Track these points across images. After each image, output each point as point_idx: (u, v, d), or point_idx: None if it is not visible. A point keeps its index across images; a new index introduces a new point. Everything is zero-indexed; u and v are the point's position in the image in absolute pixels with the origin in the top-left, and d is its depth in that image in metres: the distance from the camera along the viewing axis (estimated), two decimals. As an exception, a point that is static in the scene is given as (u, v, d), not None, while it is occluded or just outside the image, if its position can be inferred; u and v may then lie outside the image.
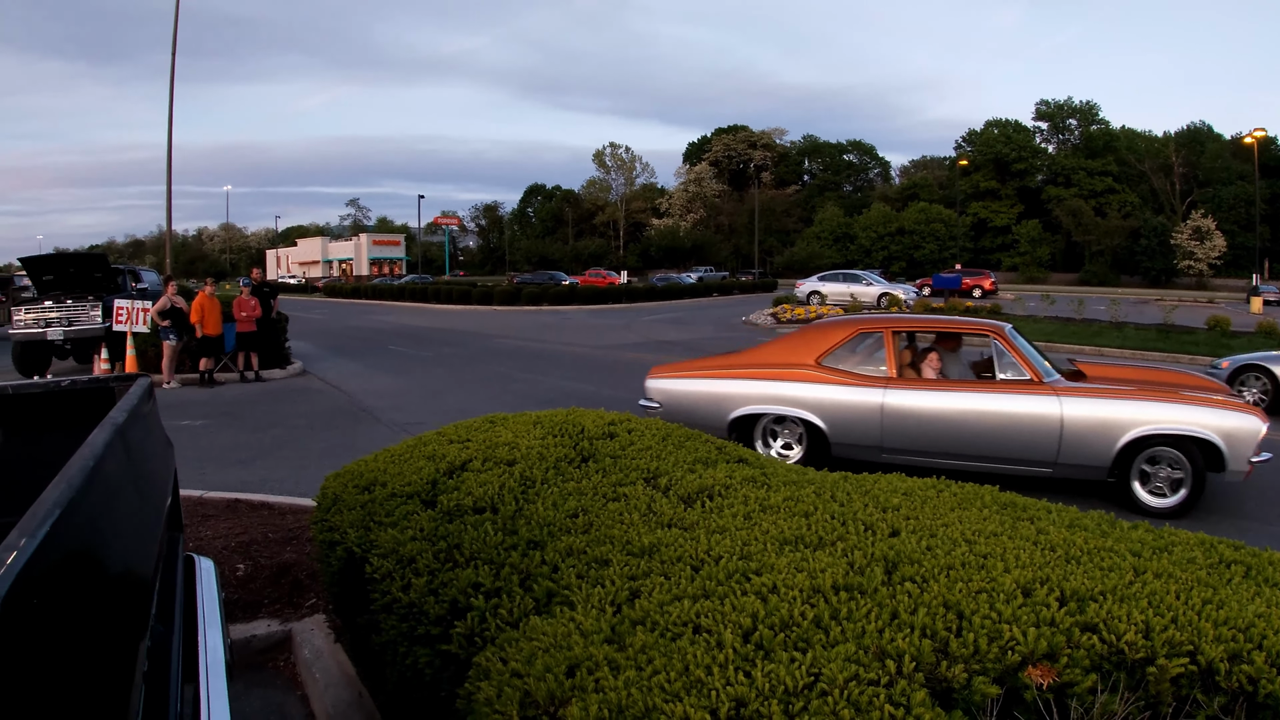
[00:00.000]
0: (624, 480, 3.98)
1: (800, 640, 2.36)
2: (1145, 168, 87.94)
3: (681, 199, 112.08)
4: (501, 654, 2.56)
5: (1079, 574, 2.76)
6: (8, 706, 1.10)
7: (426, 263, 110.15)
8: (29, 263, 20.52)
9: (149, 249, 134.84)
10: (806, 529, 3.20)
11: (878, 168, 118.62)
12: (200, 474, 9.32)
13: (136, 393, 3.00)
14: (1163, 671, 2.29)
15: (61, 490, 1.62)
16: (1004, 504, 3.72)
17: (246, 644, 5.03)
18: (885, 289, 41.04)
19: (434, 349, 24.01)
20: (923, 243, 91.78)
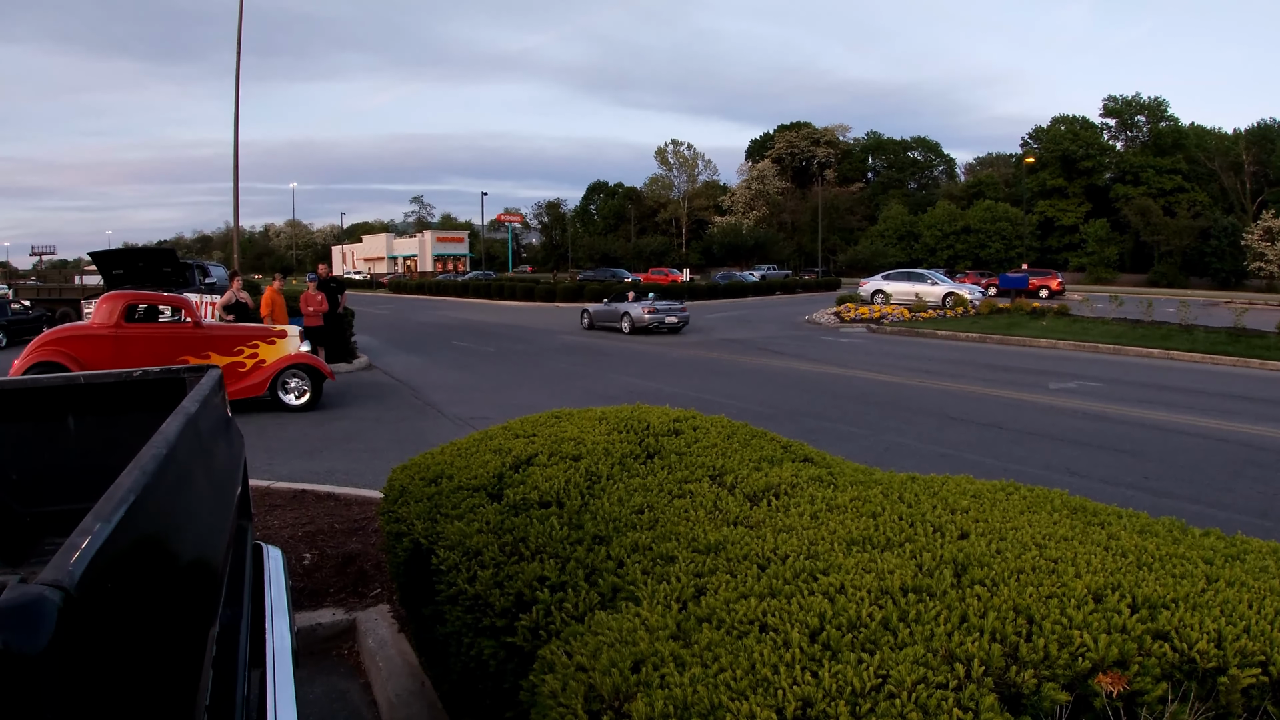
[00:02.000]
0: (689, 477, 3.96)
1: (868, 641, 2.32)
2: (1215, 166, 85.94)
3: (744, 196, 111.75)
4: (566, 648, 2.55)
5: (1150, 581, 2.69)
6: (85, 687, 1.10)
7: (490, 259, 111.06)
8: (99, 257, 21.00)
9: (216, 244, 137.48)
10: (874, 530, 3.15)
11: (942, 165, 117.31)
12: (268, 464, 9.46)
13: (208, 383, 3.03)
14: (1234, 681, 2.24)
15: (135, 477, 1.63)
16: (1074, 508, 3.64)
17: (311, 632, 5.09)
18: (950, 288, 40.54)
19: (497, 344, 24.18)
20: (988, 241, 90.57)
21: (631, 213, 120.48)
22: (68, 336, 13.29)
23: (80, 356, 12.85)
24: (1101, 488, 8.67)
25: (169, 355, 13.01)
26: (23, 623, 0.99)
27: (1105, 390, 15.54)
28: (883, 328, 29.81)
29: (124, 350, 12.99)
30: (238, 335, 13.82)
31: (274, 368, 13.63)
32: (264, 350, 13.76)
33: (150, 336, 13.32)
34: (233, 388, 13.00)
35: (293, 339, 13.98)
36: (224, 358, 13.41)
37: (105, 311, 13.35)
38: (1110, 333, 25.34)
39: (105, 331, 13.12)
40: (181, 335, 13.41)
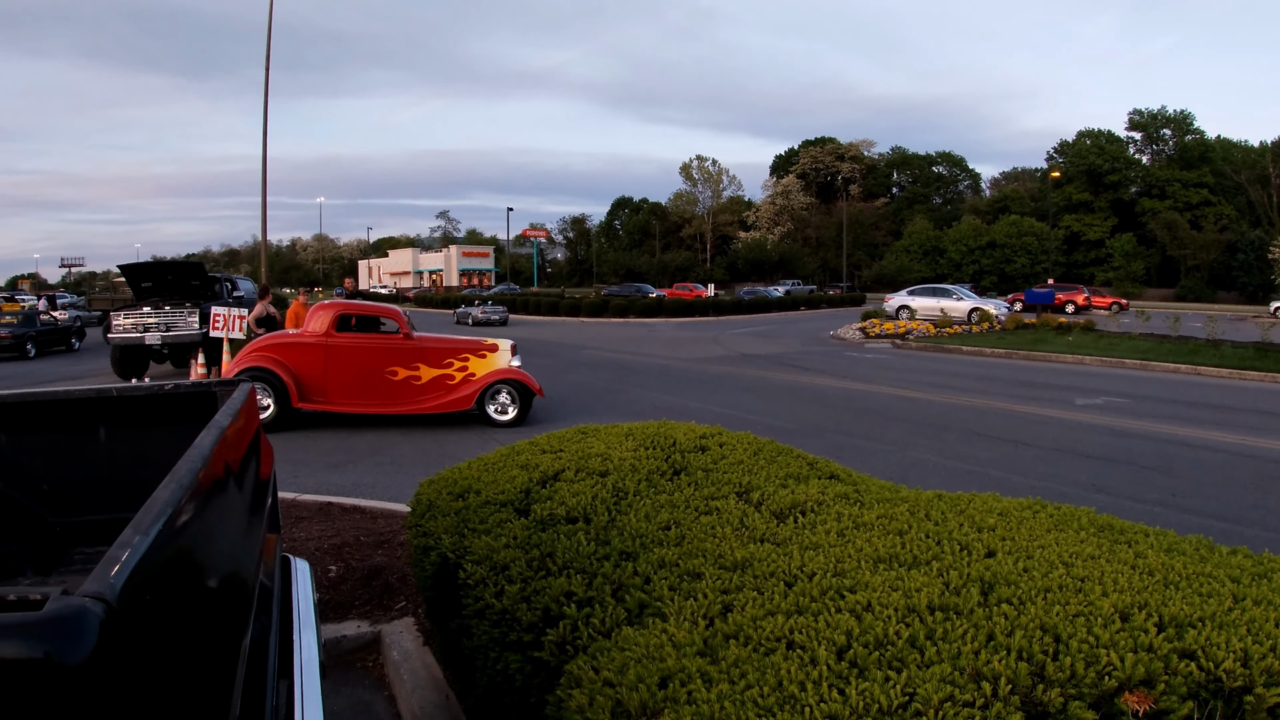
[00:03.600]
0: (716, 494, 3.96)
1: (895, 659, 2.33)
2: (1242, 179, 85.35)
3: (768, 212, 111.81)
4: (593, 663, 2.56)
5: (1177, 599, 2.69)
6: (125, 698, 1.12)
7: (514, 274, 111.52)
8: (128, 270, 21.19)
9: (244, 258, 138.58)
10: (901, 547, 3.15)
11: (967, 180, 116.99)
12: (294, 477, 9.51)
13: (239, 397, 3.05)
14: (1260, 701, 2.23)
15: (172, 490, 1.65)
16: (1101, 526, 3.62)
17: (337, 644, 5.11)
18: (976, 304, 40.35)
19: (521, 358, 24.20)
20: (1014, 256, 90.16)
21: (656, 228, 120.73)
22: (279, 344, 13.33)
23: (291, 364, 13.04)
24: (1129, 505, 8.60)
25: (378, 365, 13.22)
26: (66, 634, 1.01)
27: (1132, 406, 15.43)
28: (908, 343, 29.69)
29: (334, 359, 13.14)
30: (447, 348, 13.69)
31: (483, 382, 13.46)
32: (474, 364, 13.64)
33: (360, 346, 13.33)
34: (440, 400, 13.31)
35: (503, 353, 13.81)
36: (432, 370, 13.45)
37: (317, 320, 13.37)
38: (1137, 348, 25.15)
39: (316, 340, 13.18)
40: (391, 346, 13.39)
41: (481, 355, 13.70)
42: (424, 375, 13.43)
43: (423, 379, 13.42)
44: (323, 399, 13.19)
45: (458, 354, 13.63)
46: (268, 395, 12.90)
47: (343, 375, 13.22)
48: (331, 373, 13.17)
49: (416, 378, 13.40)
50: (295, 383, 12.99)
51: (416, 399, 13.38)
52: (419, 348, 13.48)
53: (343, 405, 13.24)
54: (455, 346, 13.76)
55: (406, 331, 13.50)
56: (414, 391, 13.40)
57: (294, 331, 13.68)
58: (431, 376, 13.45)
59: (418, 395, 13.40)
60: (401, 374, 13.35)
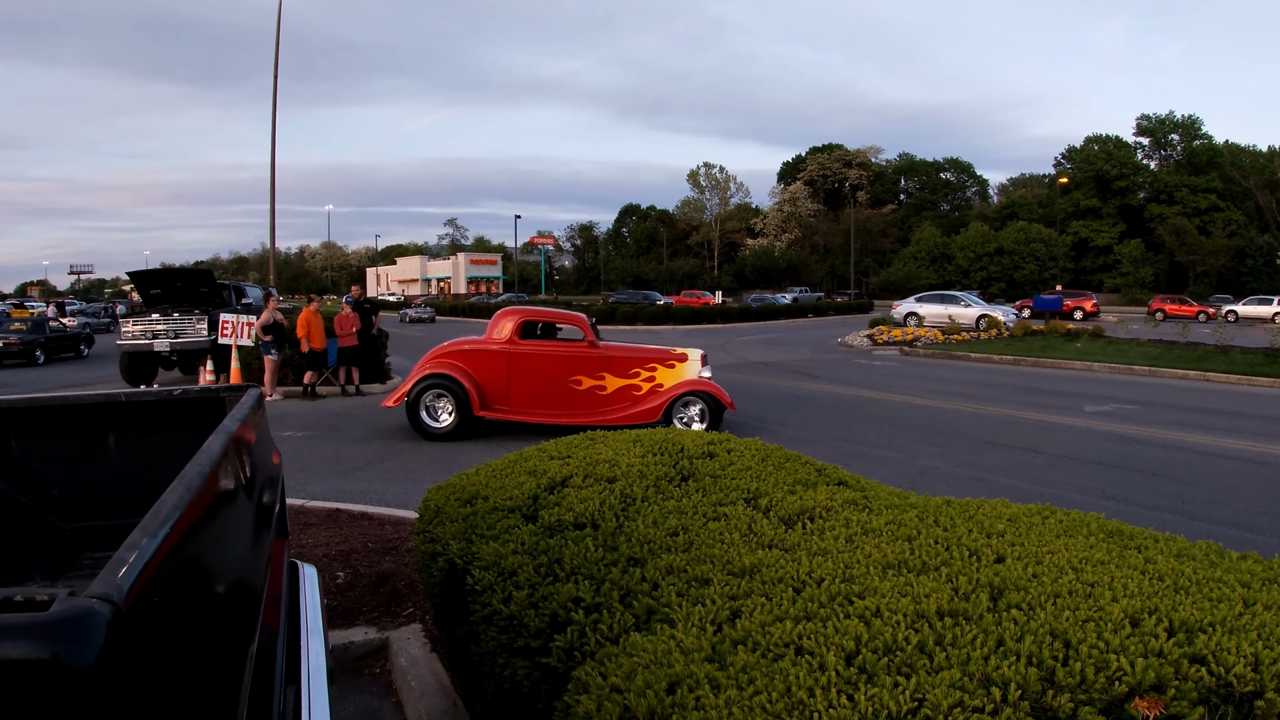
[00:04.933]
0: (724, 500, 3.96)
1: (904, 665, 2.32)
2: (1250, 184, 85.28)
3: (776, 219, 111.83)
4: (601, 669, 2.56)
5: (1187, 604, 2.68)
6: (131, 700, 1.12)
7: (522, 282, 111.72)
8: (137, 276, 21.25)
9: (252, 265, 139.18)
10: (910, 553, 3.14)
11: (975, 186, 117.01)
12: (302, 483, 9.52)
13: (247, 402, 3.06)
14: (1271, 705, 2.22)
15: (180, 494, 1.65)
16: (1111, 532, 3.61)
17: (344, 650, 5.11)
18: (984, 310, 40.29)
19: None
20: (1022, 263, 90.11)
21: (664, 235, 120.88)
22: (462, 351, 13.12)
23: (474, 371, 12.85)
24: (1138, 511, 8.58)
25: (562, 374, 12.91)
26: (73, 635, 1.01)
27: (1141, 413, 15.39)
28: (916, 350, 29.66)
29: (517, 367, 12.88)
30: (635, 357, 13.16)
31: (671, 393, 12.82)
32: (661, 374, 13.06)
33: (544, 354, 13.03)
34: (625, 412, 12.78)
35: (693, 363, 13.09)
36: (619, 380, 13.02)
37: (501, 327, 13.10)
38: (1146, 354, 25.11)
39: (499, 347, 12.94)
40: (576, 354, 13.01)
41: (670, 365, 13.10)
42: (609, 385, 13.01)
43: (608, 389, 13.01)
44: (504, 408, 12.90)
45: (645, 363, 13.10)
46: (450, 403, 12.78)
47: (526, 384, 12.92)
48: (514, 381, 12.88)
49: (601, 388, 13.01)
50: (477, 391, 12.76)
51: (601, 410, 12.94)
52: (604, 356, 13.04)
53: (525, 415, 12.91)
54: (642, 356, 13.23)
55: (592, 339, 13.09)
56: (599, 402, 13.01)
57: (478, 338, 13.40)
58: (617, 387, 13.02)
59: (602, 406, 12.99)
60: (586, 383, 12.99)
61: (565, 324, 13.72)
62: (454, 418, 12.71)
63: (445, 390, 12.72)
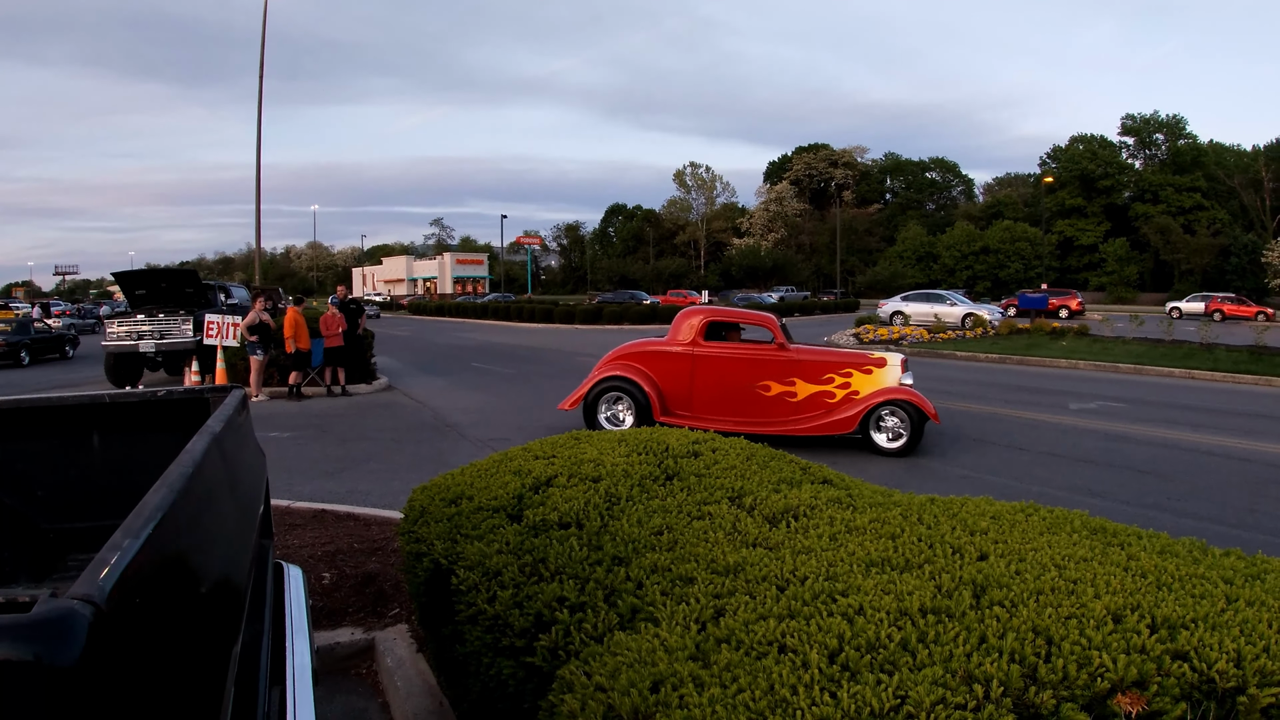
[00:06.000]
0: (709, 499, 3.97)
1: (887, 662, 2.33)
2: (1234, 183, 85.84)
3: (762, 218, 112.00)
4: (585, 668, 2.56)
5: (1170, 601, 2.70)
6: (113, 701, 1.12)
7: (509, 281, 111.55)
8: (122, 277, 21.16)
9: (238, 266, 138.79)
10: (893, 551, 3.16)
11: (961, 185, 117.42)
12: (288, 484, 9.50)
13: (231, 403, 3.06)
14: (1253, 701, 2.24)
15: (163, 495, 1.65)
16: (1094, 529, 3.63)
17: (330, 651, 5.11)
18: (970, 309, 40.42)
19: (517, 366, 24.23)
20: (1007, 262, 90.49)
21: (650, 235, 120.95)
22: (642, 352, 12.52)
23: (654, 374, 12.29)
24: (1123, 508, 8.63)
25: (749, 379, 12.09)
26: (54, 635, 1.01)
27: (1126, 410, 15.46)
28: (902, 349, 29.69)
29: (701, 370, 12.19)
30: (828, 361, 12.10)
31: (868, 402, 11.69)
32: (857, 380, 11.93)
33: (731, 357, 12.19)
34: (817, 422, 11.91)
35: (891, 369, 11.95)
36: (810, 385, 12.00)
37: (685, 328, 12.41)
38: (1131, 352, 25.22)
39: (682, 349, 12.27)
40: (764, 358, 12.11)
41: (866, 371, 11.96)
42: (800, 391, 12.04)
43: (798, 395, 12.04)
44: (686, 413, 12.17)
45: (839, 368, 12.01)
46: (629, 407, 12.27)
47: (710, 388, 12.20)
48: (698, 385, 12.21)
49: (791, 394, 12.05)
50: (658, 395, 12.19)
51: (790, 418, 12.04)
52: (795, 360, 12.06)
53: (708, 421, 11.72)
54: (837, 360, 12.15)
55: (782, 342, 12.17)
56: (788, 409, 12.06)
57: (659, 340, 12.73)
58: (809, 393, 12.01)
59: (792, 414, 12.05)
60: (775, 389, 12.07)
61: (753, 325, 12.90)
62: (632, 423, 12.10)
63: (624, 393, 12.22)
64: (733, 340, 12.55)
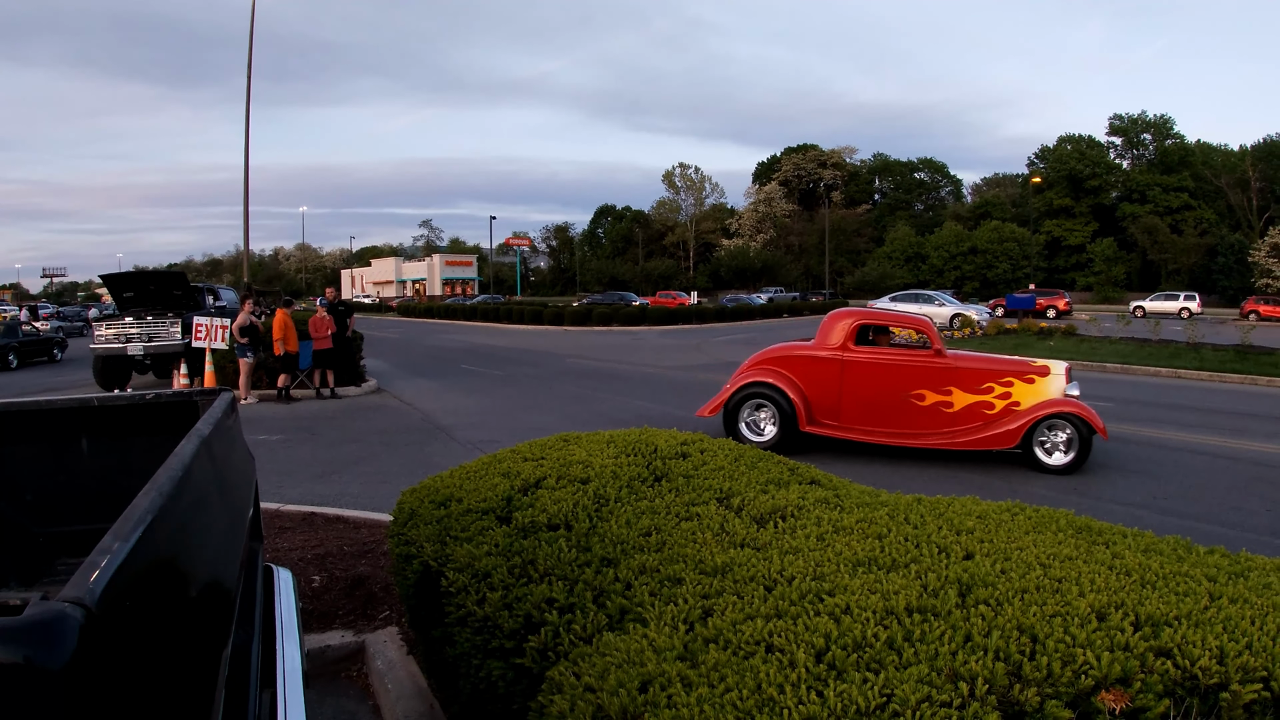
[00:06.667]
0: (697, 500, 3.99)
1: (873, 661, 2.35)
2: (1221, 183, 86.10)
3: (751, 219, 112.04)
4: (575, 668, 2.58)
5: (1154, 599, 2.73)
6: (104, 703, 1.13)
7: (498, 283, 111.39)
8: (110, 280, 21.10)
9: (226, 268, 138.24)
10: (880, 551, 3.18)
11: (949, 186, 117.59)
12: (278, 487, 9.49)
13: (220, 406, 3.07)
14: (1236, 698, 2.27)
15: (152, 498, 1.66)
16: (1080, 528, 3.66)
17: (321, 654, 5.11)
18: (958, 309, 40.62)
19: (506, 368, 24.21)
20: (995, 262, 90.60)
21: (639, 236, 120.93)
22: (787, 356, 11.83)
23: (799, 379, 11.58)
24: (1110, 507, 8.67)
25: (903, 387, 11.22)
26: (46, 638, 1.02)
27: (1113, 409, 15.50)
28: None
29: (850, 376, 11.38)
30: (988, 369, 11.16)
31: (1031, 414, 10.73)
32: (1019, 390, 10.98)
33: (883, 364, 11.33)
34: (975, 435, 10.98)
35: (1055, 378, 10.98)
36: (968, 395, 11.05)
37: (834, 332, 11.63)
38: (1118, 352, 25.30)
39: (830, 354, 11.48)
40: (920, 365, 11.21)
41: (1028, 380, 11.00)
42: (956, 402, 11.11)
43: (955, 406, 11.11)
44: (834, 423, 11.46)
45: (999, 377, 11.08)
46: (771, 416, 11.62)
47: (859, 396, 11.37)
48: (847, 393, 11.39)
49: (947, 404, 11.14)
50: (804, 403, 11.46)
51: (945, 430, 11.15)
52: (951, 368, 11.14)
53: (856, 432, 11.35)
54: (997, 368, 11.22)
55: (939, 348, 11.30)
56: (943, 420, 11.16)
57: (805, 343, 12.05)
58: (966, 404, 11.08)
59: (947, 426, 11.14)
60: (930, 398, 11.16)
61: (908, 329, 12.18)
62: (775, 433, 11.52)
63: (767, 400, 11.56)
64: (881, 345, 11.79)
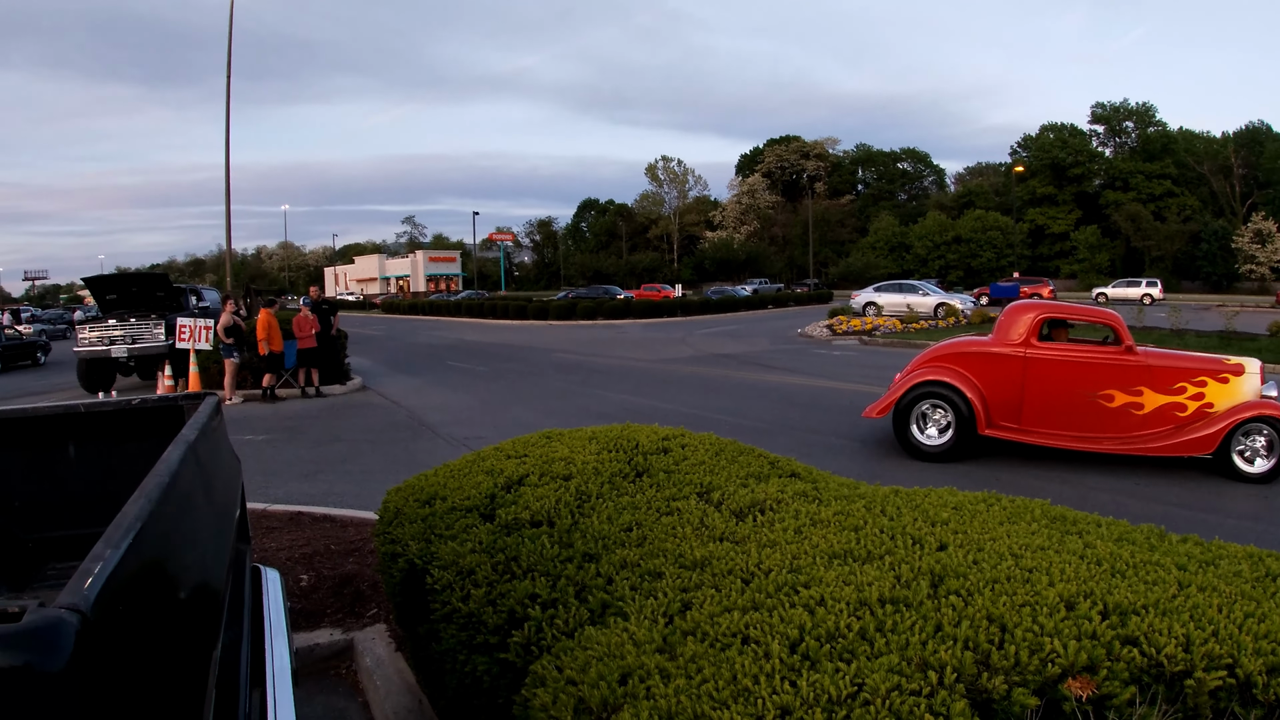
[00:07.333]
0: (677, 495, 4.04)
1: (845, 651, 2.40)
2: (1204, 170, 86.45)
3: (734, 211, 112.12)
4: (557, 662, 2.64)
5: (1123, 588, 2.78)
6: (100, 705, 1.19)
7: (482, 278, 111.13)
8: (92, 282, 21.08)
9: (209, 267, 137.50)
10: (855, 543, 3.23)
11: (932, 176, 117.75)
12: (264, 488, 9.52)
13: (205, 410, 3.11)
14: (1201, 684, 2.31)
15: (141, 504, 1.71)
16: (1054, 517, 3.71)
17: (310, 652, 5.15)
18: (942, 299, 40.71)
19: (491, 364, 24.22)
20: (979, 251, 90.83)
21: (623, 229, 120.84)
22: (963, 353, 11.04)
23: (977, 377, 10.78)
24: (1094, 495, 8.78)
25: (1089, 386, 10.36)
26: (44, 644, 1.08)
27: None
28: (875, 340, 29.88)
29: (1034, 375, 10.56)
30: (1180, 367, 10.27)
31: (1229, 418, 9.81)
32: (1211, 390, 10.07)
33: (1070, 361, 10.51)
34: (1170, 440, 10.07)
35: (1250, 377, 10.09)
36: (1159, 396, 10.15)
37: (1015, 326, 10.85)
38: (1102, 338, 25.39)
39: (1012, 350, 10.69)
40: (1108, 362, 10.35)
41: (1222, 379, 10.09)
42: (1147, 403, 10.22)
43: (1145, 408, 10.22)
44: (1014, 425, 10.66)
45: (1192, 376, 10.18)
46: (946, 417, 10.82)
47: (1043, 397, 10.56)
48: (1029, 393, 10.59)
49: (1137, 405, 10.25)
50: (983, 403, 10.67)
51: (1135, 434, 10.26)
52: (1145, 366, 10.29)
53: (1038, 436, 10.55)
54: (1190, 365, 10.32)
55: (1129, 344, 10.45)
56: (1133, 424, 10.26)
57: (983, 339, 11.32)
58: (1156, 406, 10.18)
59: (1138, 429, 10.25)
60: (1119, 400, 10.28)
61: (1094, 323, 11.33)
62: (951, 435, 10.75)
63: (943, 401, 10.78)
64: (1059, 339, 11.01)
